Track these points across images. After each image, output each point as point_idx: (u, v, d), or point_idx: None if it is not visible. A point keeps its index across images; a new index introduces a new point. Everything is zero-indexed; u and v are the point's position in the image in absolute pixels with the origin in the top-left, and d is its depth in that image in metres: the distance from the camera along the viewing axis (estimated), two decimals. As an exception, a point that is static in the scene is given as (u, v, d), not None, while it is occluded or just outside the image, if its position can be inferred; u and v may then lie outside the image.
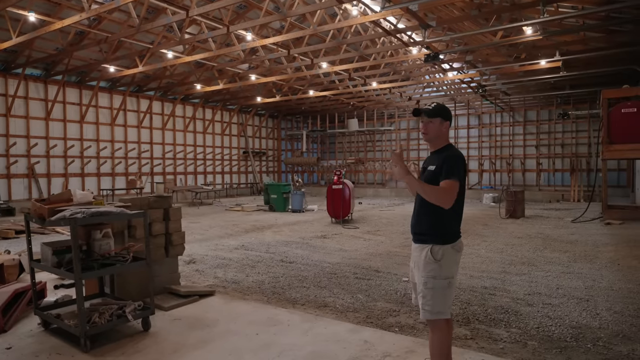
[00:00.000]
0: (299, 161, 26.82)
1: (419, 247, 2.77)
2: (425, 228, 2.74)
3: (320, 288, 5.38)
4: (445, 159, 2.66)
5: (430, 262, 2.64)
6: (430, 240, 2.69)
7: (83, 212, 3.29)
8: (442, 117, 2.77)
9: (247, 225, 11.89)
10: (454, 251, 2.70)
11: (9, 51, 14.10)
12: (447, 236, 2.69)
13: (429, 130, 2.78)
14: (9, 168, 15.12)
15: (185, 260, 7.18)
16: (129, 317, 3.55)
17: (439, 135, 2.78)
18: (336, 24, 10.99)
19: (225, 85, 18.05)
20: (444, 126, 2.79)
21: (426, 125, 2.79)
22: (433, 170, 2.71)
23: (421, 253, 2.71)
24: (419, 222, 2.79)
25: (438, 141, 2.80)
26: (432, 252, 2.65)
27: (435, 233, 2.69)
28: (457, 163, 2.65)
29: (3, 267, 4.77)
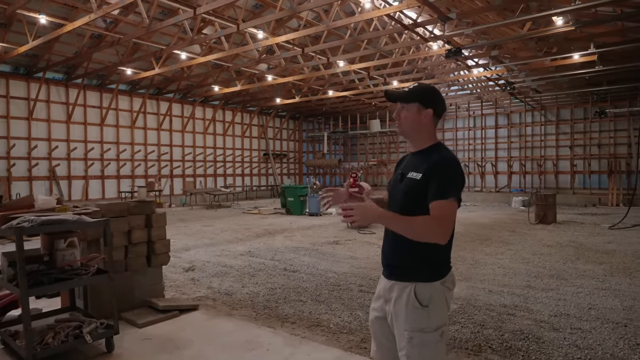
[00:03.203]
0: (320, 163, 26.37)
1: (395, 286, 1.99)
2: (405, 259, 1.98)
3: (317, 302, 4.88)
4: (436, 166, 1.89)
5: (416, 309, 1.91)
6: (412, 276, 1.95)
7: (31, 221, 2.93)
8: (421, 103, 2.00)
9: (259, 229, 11.52)
10: (444, 289, 1.96)
11: (30, 55, 14.32)
12: (436, 269, 1.96)
13: (402, 120, 2.04)
14: (31, 170, 15.33)
15: (184, 267, 6.85)
16: (86, 338, 3.16)
17: (418, 128, 2.02)
18: (351, 19, 10.48)
19: (244, 87, 17.83)
20: (423, 116, 2.00)
21: (399, 112, 2.05)
22: (416, 180, 1.93)
23: (400, 295, 1.95)
24: (396, 250, 2.01)
25: (418, 137, 2.04)
26: (418, 294, 1.91)
27: (419, 266, 1.95)
28: (453, 173, 1.90)
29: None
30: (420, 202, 1.90)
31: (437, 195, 1.84)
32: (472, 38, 12.94)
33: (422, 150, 2.05)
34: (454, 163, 1.93)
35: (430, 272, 1.94)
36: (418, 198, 1.91)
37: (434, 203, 1.84)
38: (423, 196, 1.89)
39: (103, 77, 16.88)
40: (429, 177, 1.89)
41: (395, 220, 1.86)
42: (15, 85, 15.02)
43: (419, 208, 1.89)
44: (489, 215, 14.71)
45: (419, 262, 1.95)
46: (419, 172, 1.94)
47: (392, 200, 2.08)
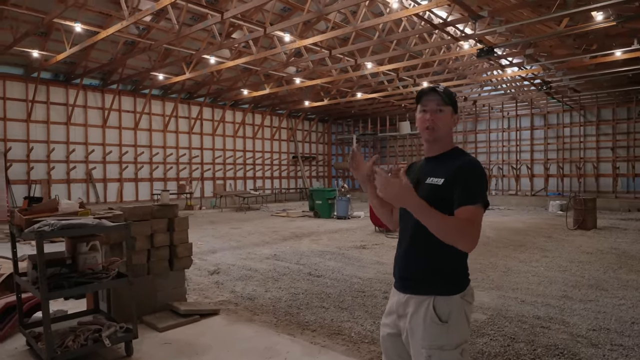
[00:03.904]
0: (348, 166, 26.17)
1: (412, 300, 1.85)
2: (422, 270, 1.86)
3: (340, 309, 4.76)
4: (461, 170, 1.79)
5: (434, 325, 1.78)
6: (431, 289, 1.82)
7: (51, 225, 2.96)
8: (453, 108, 1.92)
9: (286, 232, 11.51)
10: (464, 303, 1.83)
11: (68, 63, 14.90)
12: (456, 282, 1.84)
13: (439, 123, 1.87)
14: (69, 173, 15.95)
15: (210, 270, 6.88)
16: (105, 342, 3.17)
17: (449, 132, 1.93)
18: (379, 19, 10.32)
19: (272, 90, 17.92)
20: (454, 120, 1.94)
21: (434, 114, 1.87)
22: (439, 185, 1.82)
23: (417, 310, 1.82)
24: (412, 261, 1.89)
25: (445, 141, 1.93)
26: (437, 309, 1.78)
27: (438, 278, 1.82)
28: (480, 177, 1.79)
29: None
30: (441, 210, 1.75)
31: (464, 201, 1.74)
32: (506, 36, 12.49)
33: (442, 154, 1.94)
34: (478, 166, 1.83)
35: (449, 285, 1.82)
36: (439, 205, 1.76)
37: (461, 209, 1.73)
38: (446, 202, 1.77)
39: (136, 82, 17.38)
40: (453, 182, 1.79)
41: (429, 211, 1.68)
42: (55, 91, 15.68)
43: None
44: (523, 219, 14.14)
45: (437, 274, 1.83)
46: (440, 177, 1.83)
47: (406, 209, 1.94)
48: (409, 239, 1.88)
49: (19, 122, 14.86)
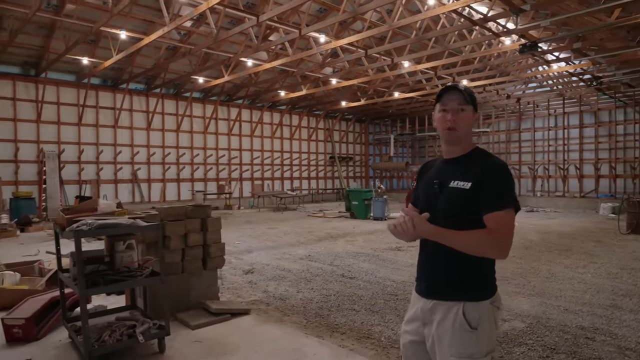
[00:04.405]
0: (386, 166, 25.91)
1: (439, 306, 1.79)
2: (449, 276, 1.79)
3: (371, 312, 4.70)
4: (488, 173, 1.71)
5: (464, 332, 1.71)
6: (460, 295, 1.75)
7: (89, 225, 3.10)
8: (474, 107, 1.84)
9: (322, 233, 11.52)
10: (494, 309, 1.77)
11: (115, 69, 15.64)
12: (485, 287, 1.78)
13: (461, 123, 1.80)
14: (116, 174, 16.73)
15: (245, 269, 6.99)
16: (139, 338, 3.28)
17: (469, 132, 1.87)
18: (415, 17, 10.12)
19: (309, 91, 18.02)
20: (475, 119, 1.88)
21: (456, 114, 1.80)
22: (464, 189, 1.74)
23: (445, 317, 1.76)
24: (437, 266, 1.82)
25: (465, 141, 1.86)
26: (467, 315, 1.72)
27: (466, 283, 1.76)
28: (508, 180, 1.73)
29: (58, 272, 4.91)
30: (469, 215, 1.73)
31: (494, 206, 1.68)
32: (552, 30, 11.92)
33: (464, 155, 1.86)
34: (506, 169, 1.75)
35: (479, 290, 1.76)
36: (466, 210, 1.73)
37: (491, 215, 1.68)
38: (472, 208, 1.72)
39: (178, 86, 17.98)
40: (480, 185, 1.72)
41: (448, 235, 1.70)
42: (103, 96, 16.51)
43: (468, 220, 1.72)
44: (571, 222, 13.43)
45: (465, 279, 1.77)
46: (467, 181, 1.75)
47: (429, 212, 1.86)
48: (433, 242, 1.80)
49: (71, 125, 15.74)
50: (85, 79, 15.46)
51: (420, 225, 1.69)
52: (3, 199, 13.98)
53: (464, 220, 1.72)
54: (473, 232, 1.68)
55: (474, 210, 1.71)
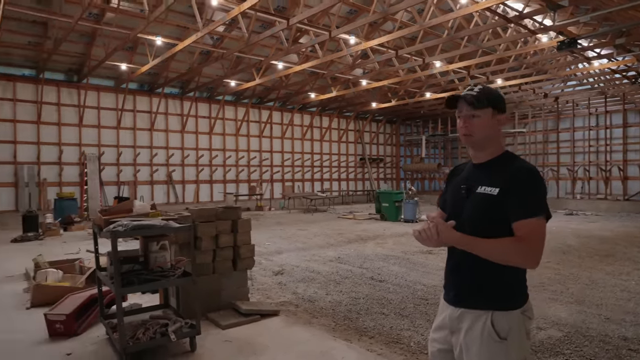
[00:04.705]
0: (418, 167, 25.55)
1: (467, 314, 1.74)
2: (478, 284, 1.73)
3: (401, 317, 4.64)
4: (516, 178, 1.65)
5: (493, 342, 1.66)
6: (488, 303, 1.70)
7: (124, 226, 3.21)
8: (495, 108, 1.76)
9: (352, 235, 11.48)
10: (524, 319, 1.71)
11: (151, 74, 16.17)
12: (516, 296, 1.71)
13: (475, 128, 1.75)
14: (152, 175, 17.27)
15: (274, 270, 7.05)
16: (171, 337, 3.37)
17: (491, 136, 1.77)
18: (447, 16, 9.94)
19: (339, 92, 18.02)
20: (498, 122, 1.77)
21: (467, 120, 1.77)
22: (492, 195, 1.69)
23: (473, 325, 1.71)
24: (465, 274, 1.76)
25: (490, 146, 1.78)
26: (496, 325, 1.66)
27: (496, 292, 1.70)
28: (537, 186, 1.66)
29: (96, 270, 5.12)
30: (497, 222, 1.68)
31: (523, 213, 1.62)
32: (593, 26, 11.42)
33: (491, 160, 1.79)
34: (535, 174, 1.69)
35: (508, 299, 1.70)
36: (494, 217, 1.68)
37: (520, 222, 1.62)
38: (500, 214, 1.67)
39: (211, 89, 18.39)
40: (508, 191, 1.66)
41: (474, 243, 1.65)
42: (140, 100, 17.10)
43: (495, 228, 1.67)
44: (613, 227, 12.81)
45: (495, 288, 1.72)
46: (495, 187, 1.70)
47: (456, 218, 1.82)
48: (460, 249, 1.75)
49: (110, 129, 16.38)
50: (124, 84, 16.07)
51: (444, 233, 1.65)
52: (48, 199, 14.71)
53: (491, 227, 1.68)
54: (500, 241, 1.62)
55: (501, 217, 1.66)
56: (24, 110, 14.64)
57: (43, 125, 14.95)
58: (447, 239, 1.66)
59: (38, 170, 14.81)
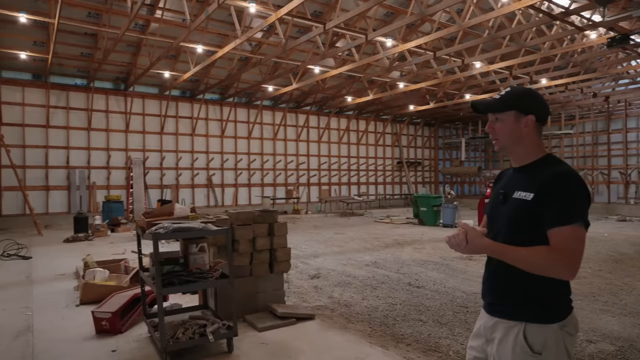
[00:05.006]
0: (457, 171, 24.94)
1: (500, 324, 1.67)
2: (511, 293, 1.65)
3: (439, 324, 4.52)
4: (552, 183, 1.55)
5: (525, 356, 1.57)
6: (521, 314, 1.62)
7: (165, 228, 3.32)
8: (519, 110, 1.68)
9: (389, 239, 11.34)
10: (564, 334, 1.58)
11: (193, 81, 16.72)
12: (553, 308, 1.60)
13: (498, 132, 1.72)
14: (193, 179, 17.80)
15: (310, 274, 7.06)
16: (209, 337, 3.44)
17: (519, 139, 1.69)
18: (488, 15, 9.66)
19: (376, 96, 17.91)
20: (523, 124, 1.67)
21: (492, 124, 1.75)
22: (526, 201, 1.60)
23: (505, 337, 1.63)
24: (499, 282, 1.70)
25: (520, 150, 1.71)
26: (528, 337, 1.57)
27: (531, 302, 1.61)
28: (576, 191, 1.54)
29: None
30: (532, 229, 1.59)
31: (558, 221, 1.53)
32: (647, 20, 10.74)
33: (529, 164, 1.71)
34: (574, 178, 1.58)
35: (545, 311, 1.60)
36: (529, 223, 1.60)
37: (554, 230, 1.53)
38: (535, 221, 1.58)
39: (249, 94, 18.76)
40: (543, 197, 1.57)
41: (505, 251, 1.59)
42: (182, 106, 17.70)
43: (531, 236, 1.59)
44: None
45: (529, 298, 1.63)
46: (530, 192, 1.61)
47: (493, 225, 1.76)
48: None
49: (154, 134, 17.05)
50: (167, 91, 16.69)
51: (473, 240, 1.60)
52: (97, 201, 15.48)
53: (525, 235, 1.60)
54: (533, 249, 1.54)
55: (536, 224, 1.57)
56: (76, 117, 15.50)
57: (93, 131, 15.76)
58: (476, 246, 1.60)
59: (88, 174, 15.62)
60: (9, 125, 14.31)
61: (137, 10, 9.20)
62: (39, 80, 14.93)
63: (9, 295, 5.74)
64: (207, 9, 9.20)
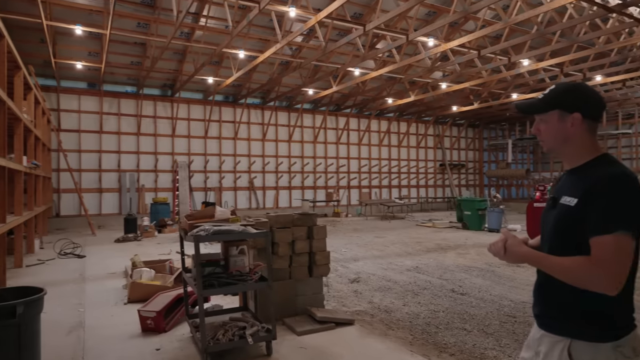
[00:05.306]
0: (503, 173, 23.99)
1: (545, 338, 1.57)
2: (558, 306, 1.53)
3: (485, 334, 4.32)
4: (596, 187, 1.41)
5: None
6: (567, 329, 1.50)
7: (206, 230, 3.37)
8: (563, 108, 1.54)
9: (431, 243, 11.06)
10: (619, 356, 1.42)
11: (235, 85, 17.11)
12: (606, 326, 1.44)
13: (542, 134, 1.61)
14: (236, 182, 18.19)
15: (351, 278, 6.99)
16: (248, 340, 3.45)
17: (565, 140, 1.55)
18: (536, 10, 9.23)
19: (417, 97, 17.59)
20: (569, 123, 1.53)
21: (537, 125, 1.63)
22: (570, 207, 1.47)
23: (550, 351, 1.52)
24: (546, 294, 1.59)
25: (568, 151, 1.57)
26: (573, 354, 1.45)
27: (578, 318, 1.48)
28: (622, 196, 1.39)
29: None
30: (577, 238, 1.45)
31: (599, 228, 1.38)
32: None
33: (580, 166, 1.57)
34: (622, 181, 1.41)
35: (594, 328, 1.46)
36: (572, 232, 1.47)
37: (595, 239, 1.39)
38: (581, 230, 1.44)
39: (290, 98, 18.96)
40: (586, 202, 1.43)
41: (543, 260, 1.48)
42: (225, 111, 18.17)
43: (577, 246, 1.45)
44: None
45: (577, 312, 1.49)
46: (574, 196, 1.48)
47: (543, 233, 1.64)
48: None
49: (199, 138, 17.59)
50: (210, 96, 17.18)
51: (511, 248, 1.52)
52: (145, 203, 16.15)
53: (568, 244, 1.48)
54: (571, 259, 1.41)
55: (580, 232, 1.43)
56: (127, 123, 16.27)
57: (142, 136, 16.48)
58: (513, 254, 1.52)
59: (137, 177, 16.33)
60: (67, 132, 15.23)
61: (182, 19, 9.52)
62: (93, 88, 15.80)
63: (64, 292, 6.07)
64: (249, 15, 9.37)
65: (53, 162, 14.45)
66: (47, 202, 12.71)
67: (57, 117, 14.99)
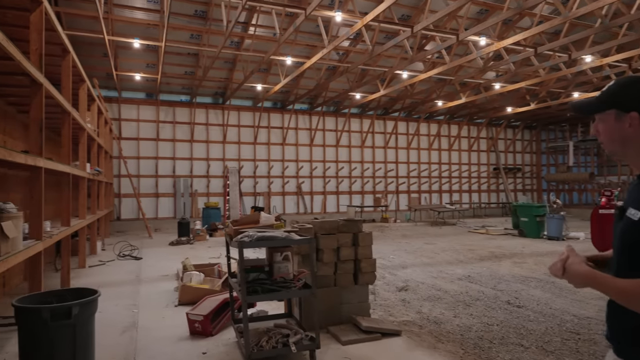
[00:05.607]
0: (564, 178, 22.57)
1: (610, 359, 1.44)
2: (620, 327, 1.39)
3: (544, 352, 4.01)
4: None
5: None
6: (629, 354, 1.36)
7: (250, 236, 3.38)
8: (619, 107, 1.37)
9: (484, 251, 10.57)
10: None
11: (283, 92, 17.37)
12: None
13: (601, 136, 1.45)
14: (284, 187, 18.42)
15: (398, 286, 6.81)
16: (291, 348, 3.41)
17: (623, 142, 1.39)
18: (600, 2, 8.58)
19: (469, 99, 16.96)
20: (627, 124, 1.36)
21: (596, 126, 1.47)
22: (634, 221, 1.30)
23: None
24: (621, 315, 1.38)
25: (630, 154, 1.41)
26: None
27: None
28: None
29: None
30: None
31: None
32: None
33: None
34: None
35: None
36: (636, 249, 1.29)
37: None
38: None
39: (337, 103, 18.96)
40: None
41: (601, 281, 1.32)
42: (273, 117, 18.48)
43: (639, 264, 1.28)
44: None
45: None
46: (638, 209, 1.30)
47: (613, 247, 1.46)
48: None
49: (248, 144, 18.01)
50: (259, 103, 17.55)
51: (570, 267, 1.38)
52: (198, 207, 16.73)
53: (633, 263, 1.31)
54: (632, 282, 1.24)
55: None
56: (181, 130, 16.98)
57: (195, 143, 17.13)
58: (572, 275, 1.38)
59: (191, 183, 16.97)
60: (127, 140, 16.14)
61: (231, 28, 9.79)
62: (150, 98, 16.64)
63: (121, 292, 6.36)
64: (295, 22, 9.46)
65: (114, 168, 15.34)
66: (109, 207, 13.50)
67: (118, 126, 15.92)
